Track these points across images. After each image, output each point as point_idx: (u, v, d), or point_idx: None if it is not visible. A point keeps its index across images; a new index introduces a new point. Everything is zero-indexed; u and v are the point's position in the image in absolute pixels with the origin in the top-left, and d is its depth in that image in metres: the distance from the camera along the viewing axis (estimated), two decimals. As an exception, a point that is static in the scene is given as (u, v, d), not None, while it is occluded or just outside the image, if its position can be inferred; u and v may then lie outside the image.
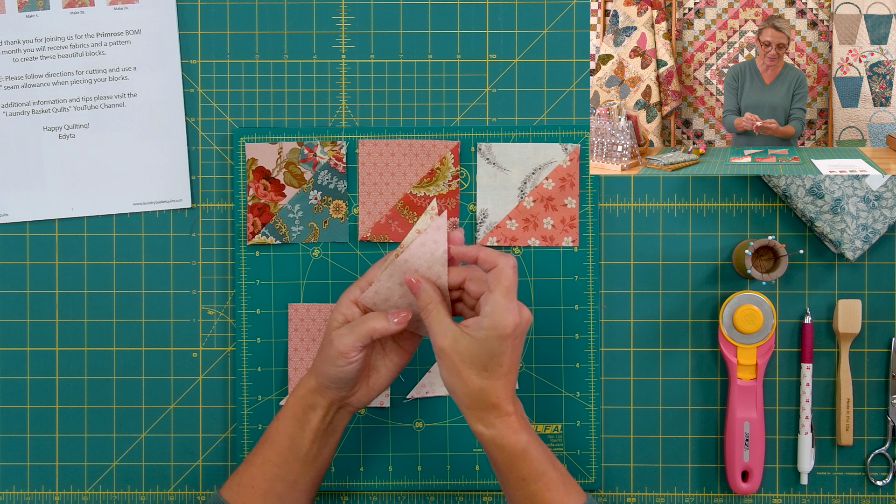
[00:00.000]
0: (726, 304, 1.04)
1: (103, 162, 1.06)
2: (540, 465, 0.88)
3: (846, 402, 1.05)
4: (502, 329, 0.85)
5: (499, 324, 0.84)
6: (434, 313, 0.87)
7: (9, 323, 1.07)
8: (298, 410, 0.92)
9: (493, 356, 0.85)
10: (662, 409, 1.07)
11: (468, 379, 0.86)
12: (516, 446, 0.87)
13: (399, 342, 0.94)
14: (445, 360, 0.86)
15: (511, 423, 0.87)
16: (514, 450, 0.87)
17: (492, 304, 0.85)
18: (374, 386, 0.93)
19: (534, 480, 0.88)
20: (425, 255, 0.90)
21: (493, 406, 0.87)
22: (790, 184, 1.03)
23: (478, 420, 0.87)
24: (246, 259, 1.06)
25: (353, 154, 1.06)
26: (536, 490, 0.88)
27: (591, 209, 1.06)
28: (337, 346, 0.88)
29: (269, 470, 0.92)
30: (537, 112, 1.07)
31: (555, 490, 0.89)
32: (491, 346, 0.85)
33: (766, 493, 1.07)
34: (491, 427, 0.87)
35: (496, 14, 1.07)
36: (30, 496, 1.07)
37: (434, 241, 0.90)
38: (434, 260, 0.90)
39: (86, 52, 1.06)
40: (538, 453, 0.88)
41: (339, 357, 0.89)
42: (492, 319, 0.85)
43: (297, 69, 1.07)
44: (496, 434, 0.87)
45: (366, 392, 0.93)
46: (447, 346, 0.86)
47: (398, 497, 1.07)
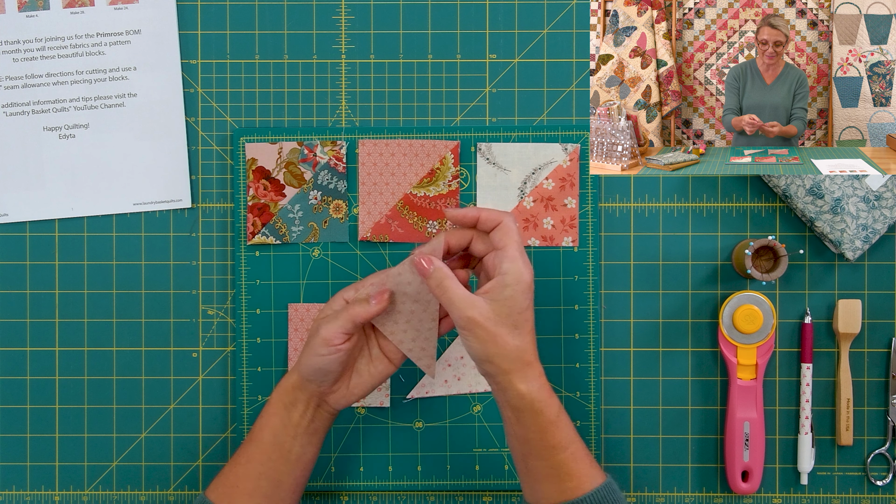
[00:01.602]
0: (726, 304, 1.04)
1: (103, 162, 1.06)
2: (570, 434, 0.88)
3: (846, 402, 1.05)
4: (525, 283, 0.85)
5: (521, 278, 0.85)
6: (452, 287, 0.86)
7: (9, 323, 1.07)
8: (280, 407, 0.93)
9: (521, 311, 0.85)
10: (662, 409, 1.07)
11: (504, 342, 0.85)
12: (552, 409, 0.87)
13: (386, 352, 0.94)
14: (477, 330, 0.85)
15: (546, 386, 0.87)
16: (550, 414, 0.87)
17: (509, 259, 0.85)
18: (353, 389, 0.93)
19: (563, 449, 0.87)
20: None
21: (529, 364, 0.87)
22: (790, 184, 1.03)
23: (520, 380, 0.86)
24: (246, 259, 1.06)
25: (353, 154, 1.06)
26: (564, 460, 0.87)
27: (591, 209, 1.06)
28: (322, 334, 0.89)
29: (254, 468, 0.92)
30: (537, 112, 1.07)
31: (581, 462, 0.88)
32: (518, 303, 0.85)
33: (766, 493, 1.07)
34: (531, 388, 0.86)
35: (496, 14, 1.07)
36: (30, 496, 1.07)
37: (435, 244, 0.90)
38: None
39: (86, 52, 1.06)
40: (569, 421, 0.88)
41: (324, 344, 0.89)
42: (513, 275, 0.85)
43: (297, 69, 1.07)
44: (536, 396, 0.86)
45: (344, 394, 0.93)
46: (476, 314, 0.85)
47: (398, 497, 1.07)
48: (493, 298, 0.85)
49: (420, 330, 0.93)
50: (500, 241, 0.87)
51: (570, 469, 0.87)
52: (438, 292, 0.87)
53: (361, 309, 0.89)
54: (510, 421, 0.88)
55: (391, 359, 0.94)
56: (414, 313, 0.93)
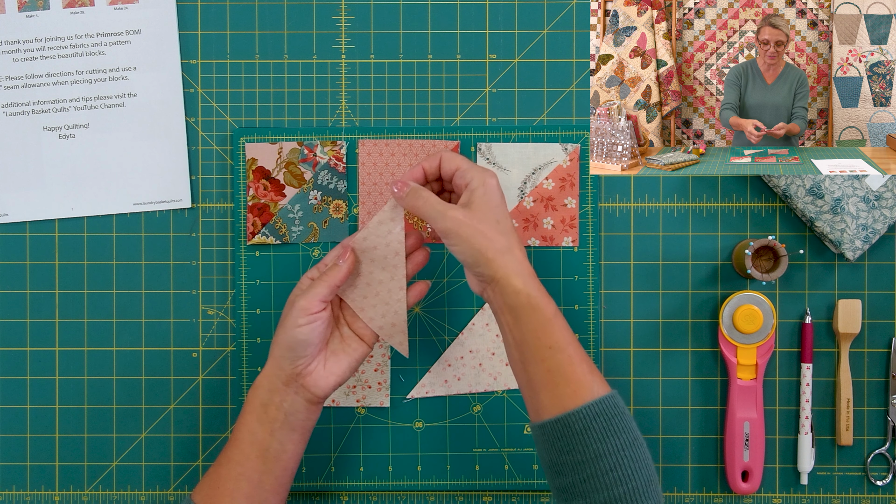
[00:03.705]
0: (726, 304, 1.04)
1: (103, 162, 1.06)
2: (567, 335, 0.87)
3: (846, 402, 1.05)
4: (489, 183, 0.89)
5: (484, 179, 0.89)
6: (429, 199, 0.90)
7: (9, 323, 1.07)
8: (256, 405, 0.92)
9: (498, 205, 0.89)
10: (662, 409, 1.07)
11: (493, 236, 0.87)
12: (549, 307, 0.87)
13: (357, 331, 0.95)
14: (465, 228, 0.87)
15: (542, 287, 0.88)
16: (547, 312, 0.87)
17: (465, 171, 0.90)
18: (330, 370, 0.93)
19: (560, 350, 0.86)
20: (382, 232, 0.93)
21: (521, 262, 0.88)
22: (790, 184, 1.03)
23: (515, 276, 0.87)
24: (246, 259, 1.06)
25: (353, 154, 1.06)
26: (562, 361, 0.86)
27: (591, 209, 1.06)
28: (300, 304, 0.90)
29: (234, 469, 0.92)
30: (537, 112, 1.07)
31: (578, 365, 0.86)
32: (491, 199, 0.89)
33: (766, 493, 1.07)
34: (528, 284, 0.87)
35: (496, 14, 1.07)
36: (30, 496, 1.07)
37: (391, 220, 0.93)
38: (392, 236, 0.93)
39: (86, 52, 1.06)
40: (565, 323, 0.88)
41: (303, 313, 0.89)
42: (476, 180, 0.89)
43: (297, 69, 1.07)
44: (532, 292, 0.87)
45: (322, 374, 0.92)
46: (460, 214, 0.88)
47: (398, 497, 1.07)
48: (465, 204, 0.89)
49: (389, 302, 0.94)
50: (449, 167, 0.92)
51: (567, 372, 0.85)
52: (416, 206, 0.90)
53: (334, 271, 0.92)
54: (508, 325, 0.88)
55: (363, 337, 0.95)
56: (382, 283, 0.94)
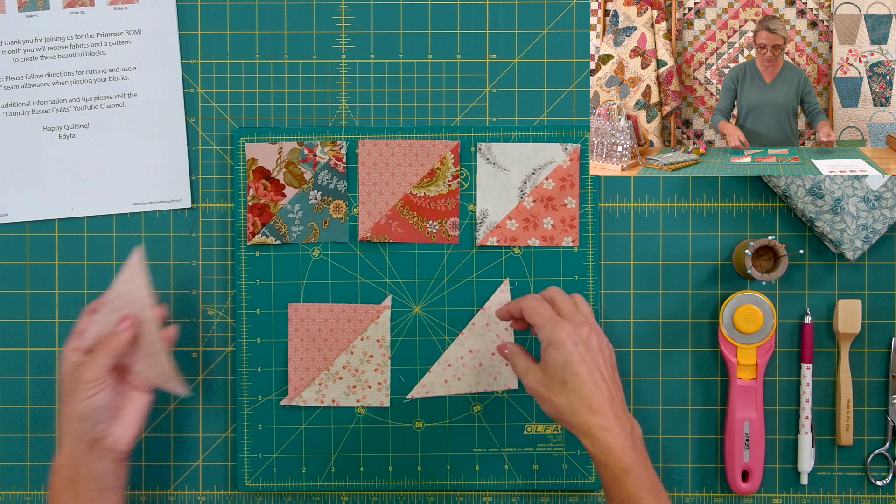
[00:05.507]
0: (726, 304, 1.04)
1: (103, 162, 1.06)
2: (640, 491, 0.88)
3: (846, 402, 1.05)
4: (557, 341, 0.89)
5: (553, 337, 0.90)
6: (516, 363, 0.94)
7: (9, 323, 1.07)
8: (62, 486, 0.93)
9: (564, 367, 0.89)
10: (662, 409, 1.07)
11: (556, 400, 0.90)
12: (618, 465, 0.88)
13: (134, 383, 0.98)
14: (534, 394, 0.92)
15: (613, 441, 0.88)
16: (615, 469, 0.88)
17: (539, 328, 0.91)
18: (127, 424, 0.96)
19: None
20: (128, 290, 0.96)
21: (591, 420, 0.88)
22: (790, 184, 1.03)
23: (584, 435, 0.89)
24: (246, 259, 1.06)
25: (353, 154, 1.06)
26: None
27: (591, 209, 1.06)
28: (86, 376, 0.92)
29: None
30: (537, 112, 1.07)
31: None
32: (556, 360, 0.89)
33: (766, 493, 1.07)
34: (594, 442, 0.88)
35: (496, 14, 1.07)
36: (30, 496, 1.07)
37: (137, 276, 0.96)
38: (140, 292, 0.96)
39: (86, 52, 1.06)
40: (642, 478, 0.88)
41: (89, 386, 0.92)
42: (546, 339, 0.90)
43: (297, 69, 1.07)
44: (598, 451, 0.88)
45: (120, 431, 0.95)
46: (529, 380, 0.92)
47: (398, 497, 1.07)
48: (542, 362, 0.91)
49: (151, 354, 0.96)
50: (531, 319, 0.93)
51: None
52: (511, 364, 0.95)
53: (115, 339, 0.94)
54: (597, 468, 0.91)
55: (140, 388, 0.98)
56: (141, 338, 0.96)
